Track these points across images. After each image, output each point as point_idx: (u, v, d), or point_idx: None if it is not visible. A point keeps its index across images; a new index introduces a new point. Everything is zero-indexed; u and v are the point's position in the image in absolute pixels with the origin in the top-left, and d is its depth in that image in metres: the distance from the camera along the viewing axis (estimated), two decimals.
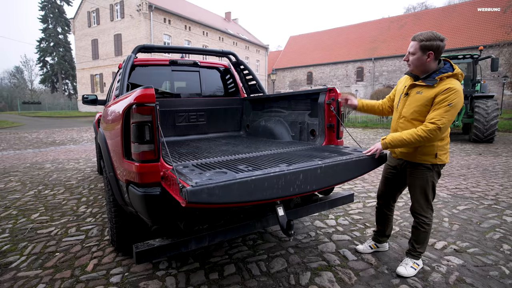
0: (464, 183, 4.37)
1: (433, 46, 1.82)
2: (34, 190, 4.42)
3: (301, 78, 39.33)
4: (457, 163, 5.84)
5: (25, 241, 2.72)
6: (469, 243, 2.51)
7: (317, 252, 2.42)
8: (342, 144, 2.57)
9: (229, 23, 38.61)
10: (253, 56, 38.70)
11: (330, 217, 3.17)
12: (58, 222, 3.17)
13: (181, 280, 2.06)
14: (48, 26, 38.49)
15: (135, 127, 1.67)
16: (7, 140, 11.29)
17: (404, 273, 2.06)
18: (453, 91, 1.77)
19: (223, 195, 1.40)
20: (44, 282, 2.08)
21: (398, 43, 31.91)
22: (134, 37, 24.98)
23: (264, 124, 3.34)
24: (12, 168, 6.10)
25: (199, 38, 29.47)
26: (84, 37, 29.33)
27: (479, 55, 9.67)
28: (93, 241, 2.70)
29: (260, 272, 2.15)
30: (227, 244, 2.59)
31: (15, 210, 3.56)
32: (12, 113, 34.40)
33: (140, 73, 3.36)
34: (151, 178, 1.70)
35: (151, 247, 1.68)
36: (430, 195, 2.04)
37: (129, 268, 2.23)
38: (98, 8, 27.39)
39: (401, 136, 1.87)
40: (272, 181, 1.54)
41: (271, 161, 1.88)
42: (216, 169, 1.66)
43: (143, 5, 23.91)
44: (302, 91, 2.83)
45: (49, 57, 39.51)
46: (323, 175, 1.74)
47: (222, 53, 3.58)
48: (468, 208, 3.33)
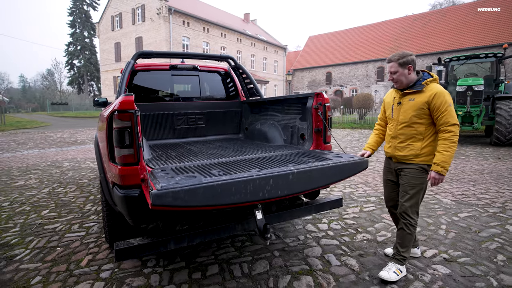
0: (472, 189, 4.20)
1: (409, 60, 2.08)
2: (49, 188, 4.70)
3: (320, 79, 38.86)
4: (470, 167, 5.60)
5: (32, 236, 2.93)
6: (461, 252, 2.43)
7: (302, 256, 2.43)
8: (330, 148, 2.57)
9: (248, 24, 38.82)
10: (271, 56, 38.69)
11: (324, 221, 3.16)
12: (64, 218, 3.37)
13: (165, 278, 2.15)
14: (75, 31, 40.44)
15: (116, 132, 1.77)
16: (34, 139, 12.00)
17: (385, 277, 2.07)
18: (442, 94, 2.00)
19: (188, 199, 1.47)
20: (41, 274, 2.24)
21: (422, 41, 30.79)
22: (154, 39, 25.72)
23: (259, 127, 3.38)
24: (33, 166, 6.51)
25: (217, 39, 29.86)
26: (108, 40, 30.55)
27: (503, 53, 9.19)
28: (92, 237, 2.86)
29: (242, 274, 2.20)
30: (215, 244, 2.66)
31: (28, 206, 3.82)
32: (43, 113, 36.45)
33: (142, 78, 3.50)
34: (132, 181, 1.80)
35: (131, 246, 1.77)
36: (420, 199, 2.15)
37: (120, 265, 2.35)
38: (121, 12, 28.44)
39: (445, 152, 1.96)
40: (240, 186, 1.59)
41: (248, 166, 1.92)
42: (189, 173, 1.73)
43: (163, 8, 24.57)
44: (293, 95, 2.85)
45: (76, 60, 41.50)
46: (295, 181, 1.76)
47: (220, 57, 3.66)
48: (470, 216, 3.21)
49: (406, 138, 2.12)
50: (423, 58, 29.27)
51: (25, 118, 25.76)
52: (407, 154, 2.12)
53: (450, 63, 9.81)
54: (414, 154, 2.09)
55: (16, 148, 9.59)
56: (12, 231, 3.05)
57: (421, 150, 2.07)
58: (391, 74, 2.12)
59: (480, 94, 8.20)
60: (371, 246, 2.59)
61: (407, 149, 2.11)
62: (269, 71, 38.37)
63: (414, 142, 2.09)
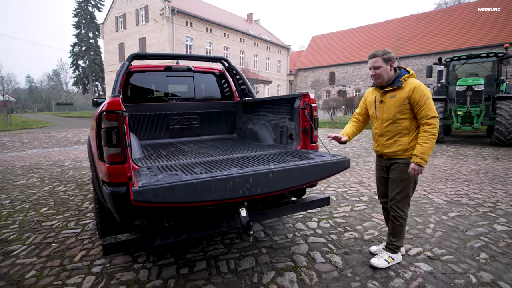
0: (466, 189, 4.22)
1: (391, 57, 2.16)
2: (49, 186, 4.82)
3: (323, 79, 38.79)
4: (467, 167, 5.60)
5: (29, 232, 3.02)
6: (445, 251, 2.47)
7: (288, 253, 2.49)
8: (317, 148, 2.62)
9: (251, 24, 38.88)
10: (274, 56, 38.71)
11: (314, 219, 3.21)
12: (62, 216, 3.47)
13: (153, 273, 2.23)
14: (80, 32, 40.87)
15: (104, 132, 1.84)
16: (38, 139, 12.20)
17: (375, 264, 2.21)
18: (420, 87, 2.08)
19: (169, 196, 1.54)
20: (36, 269, 2.33)
21: (425, 41, 30.59)
22: (158, 40, 25.90)
23: (251, 127, 3.45)
24: (36, 165, 6.65)
25: (220, 39, 29.97)
26: (112, 41, 30.82)
27: (504, 53, 9.13)
28: (87, 234, 2.95)
29: (228, 270, 2.26)
30: (205, 242, 2.73)
31: (28, 204, 3.92)
32: (48, 113, 36.90)
33: (137, 79, 3.59)
34: (119, 178, 1.87)
35: (118, 241, 1.85)
36: (410, 192, 2.22)
37: (111, 260, 2.43)
38: (125, 13, 28.69)
39: (424, 144, 2.04)
40: (220, 183, 1.65)
41: (231, 164, 1.99)
42: (173, 171, 1.80)
43: (166, 9, 24.74)
44: (283, 96, 2.91)
45: (81, 61, 41.94)
46: (275, 179, 1.82)
47: (214, 58, 3.73)
48: (459, 215, 3.24)
49: (393, 135, 2.20)
50: (426, 58, 29.08)
51: (31, 118, 26.13)
52: (395, 150, 2.20)
53: (451, 63, 9.77)
54: (403, 149, 2.17)
55: (20, 147, 9.77)
56: (11, 228, 3.15)
57: (409, 144, 2.15)
58: (374, 69, 2.18)
59: (480, 94, 8.16)
60: (357, 244, 2.64)
61: (395, 145, 2.20)
62: (272, 71, 38.39)
63: (401, 138, 2.18)
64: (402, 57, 31.55)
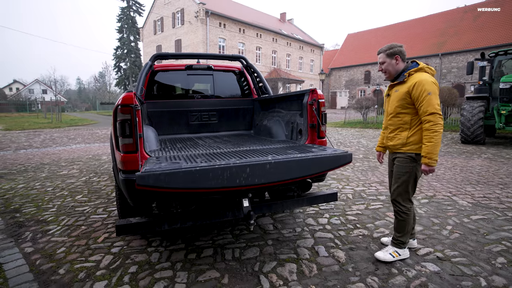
0: (498, 192, 3.92)
1: (396, 51, 2.17)
2: (86, 177, 5.29)
3: (358, 78, 37.58)
4: (505, 170, 5.17)
5: (64, 215, 3.38)
6: (458, 253, 2.36)
7: (293, 246, 2.54)
8: (325, 143, 2.64)
9: (284, 24, 38.79)
10: (307, 56, 38.29)
11: (325, 215, 3.21)
12: (93, 203, 3.82)
13: (164, 257, 2.40)
14: (123, 36, 43.53)
15: (119, 124, 2.04)
16: (82, 135, 13.30)
17: (380, 257, 2.23)
18: (422, 83, 2.02)
19: (169, 181, 1.68)
20: (65, 246, 2.62)
21: (472, 35, 28.38)
22: (192, 41, 26.87)
23: (266, 123, 3.53)
24: (78, 159, 7.30)
25: (253, 40, 30.30)
26: (150, 43, 32.56)
27: None
28: (111, 219, 3.23)
29: (232, 257, 2.37)
30: (216, 231, 2.87)
31: (67, 191, 4.36)
32: (93, 112, 39.88)
33: (160, 77, 3.83)
34: (132, 166, 2.06)
35: (129, 223, 2.04)
36: (410, 187, 2.19)
37: (129, 243, 2.66)
38: (162, 17, 30.15)
39: (428, 143, 1.99)
40: (217, 172, 1.76)
41: (233, 156, 2.09)
42: (176, 160, 1.94)
43: (200, 11, 25.57)
44: (294, 92, 2.95)
45: (122, 63, 44.66)
46: (272, 170, 1.89)
47: (232, 57, 3.86)
48: (483, 218, 3.04)
49: (394, 128, 2.22)
50: (473, 54, 26.92)
51: (78, 117, 28.45)
52: (395, 144, 2.22)
53: (496, 58, 9.00)
54: (402, 143, 2.18)
55: (67, 142, 10.74)
56: (50, 211, 3.54)
57: (407, 139, 2.14)
58: (380, 64, 2.24)
59: None
60: (364, 241, 2.61)
61: (396, 138, 2.22)
62: (304, 71, 37.99)
63: (401, 132, 2.18)
64: (444, 54, 29.59)
